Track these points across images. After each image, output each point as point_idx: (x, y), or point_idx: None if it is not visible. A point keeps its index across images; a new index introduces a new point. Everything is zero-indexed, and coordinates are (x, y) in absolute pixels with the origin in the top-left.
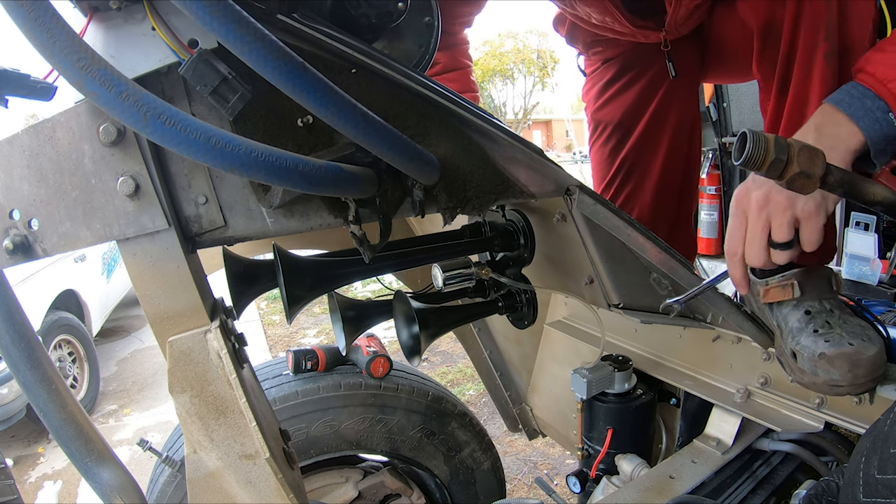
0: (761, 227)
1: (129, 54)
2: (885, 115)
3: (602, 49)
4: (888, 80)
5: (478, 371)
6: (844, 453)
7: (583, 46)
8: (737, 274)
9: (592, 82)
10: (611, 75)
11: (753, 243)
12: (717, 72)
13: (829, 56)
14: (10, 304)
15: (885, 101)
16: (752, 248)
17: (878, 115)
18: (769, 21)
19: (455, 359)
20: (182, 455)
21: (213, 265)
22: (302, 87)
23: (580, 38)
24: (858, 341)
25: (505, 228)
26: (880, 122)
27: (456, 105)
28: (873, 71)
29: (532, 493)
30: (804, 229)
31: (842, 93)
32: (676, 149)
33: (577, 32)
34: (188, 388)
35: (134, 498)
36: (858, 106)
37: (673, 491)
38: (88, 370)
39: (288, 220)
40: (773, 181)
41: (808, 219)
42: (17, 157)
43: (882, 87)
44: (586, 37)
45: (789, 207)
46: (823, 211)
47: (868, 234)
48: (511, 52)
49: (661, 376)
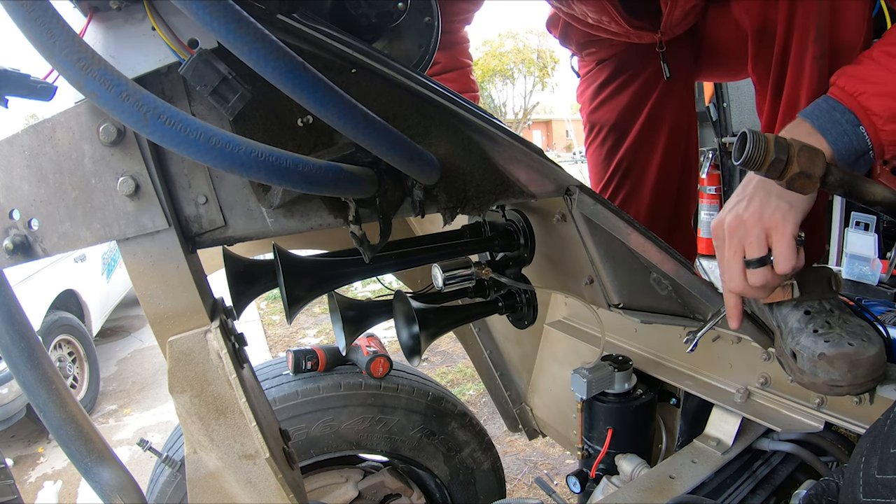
0: (736, 249)
1: (129, 54)
2: (854, 128)
3: (596, 50)
4: (858, 93)
5: (478, 371)
6: (844, 453)
7: (576, 47)
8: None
9: (587, 84)
10: (605, 77)
11: (730, 266)
12: (710, 71)
13: (818, 58)
14: (10, 304)
15: (854, 114)
16: (729, 271)
17: (846, 127)
18: (763, 23)
19: (455, 359)
20: (182, 455)
21: (213, 265)
22: (302, 87)
23: (574, 39)
24: (858, 341)
25: (505, 228)
26: (849, 135)
27: (456, 105)
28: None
29: (532, 493)
30: (774, 242)
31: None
32: (673, 149)
33: (571, 33)
34: (188, 388)
35: (134, 498)
36: (827, 119)
37: (673, 491)
38: (88, 370)
39: (288, 220)
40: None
41: (775, 228)
42: (17, 157)
43: (852, 99)
44: (580, 37)
45: (758, 223)
46: (792, 221)
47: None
48: (511, 52)
49: (661, 376)
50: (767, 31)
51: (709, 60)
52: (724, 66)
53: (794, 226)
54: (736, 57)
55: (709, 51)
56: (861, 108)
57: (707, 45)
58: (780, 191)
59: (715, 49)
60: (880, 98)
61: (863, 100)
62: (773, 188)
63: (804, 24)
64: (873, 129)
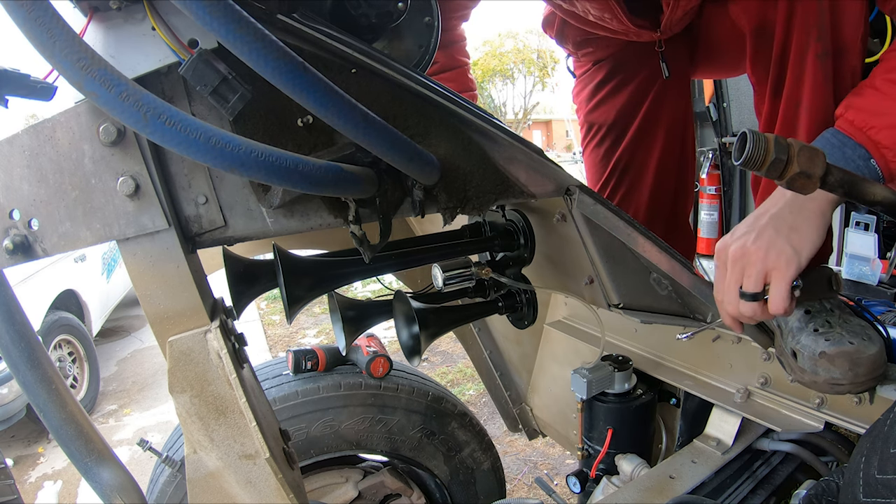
0: (735, 279)
1: (129, 54)
2: (865, 162)
3: (592, 49)
4: (868, 128)
5: (478, 371)
6: (844, 453)
7: (572, 46)
8: (726, 319)
9: (583, 84)
10: (601, 77)
11: (728, 293)
12: (706, 68)
13: (821, 56)
14: (10, 304)
15: (865, 149)
16: (727, 296)
17: (858, 163)
18: (761, 23)
19: (455, 359)
20: (182, 455)
21: (213, 265)
22: (302, 87)
23: (570, 38)
24: (859, 340)
25: (505, 228)
26: (861, 170)
27: (456, 105)
28: (853, 118)
29: (532, 493)
30: (772, 284)
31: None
32: (670, 148)
33: (568, 31)
34: (188, 388)
35: (134, 498)
36: (839, 156)
37: (673, 491)
38: (88, 370)
39: (288, 220)
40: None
41: (776, 270)
42: (17, 157)
43: (861, 134)
44: (577, 36)
45: (761, 260)
46: (794, 267)
47: (868, 234)
48: (511, 52)
49: (661, 376)
50: (766, 30)
51: (704, 58)
52: (720, 62)
53: (795, 272)
54: (731, 54)
55: (704, 48)
56: (871, 143)
57: (703, 42)
58: (789, 232)
59: (711, 47)
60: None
61: (872, 134)
62: (783, 227)
63: (804, 23)
64: (884, 161)
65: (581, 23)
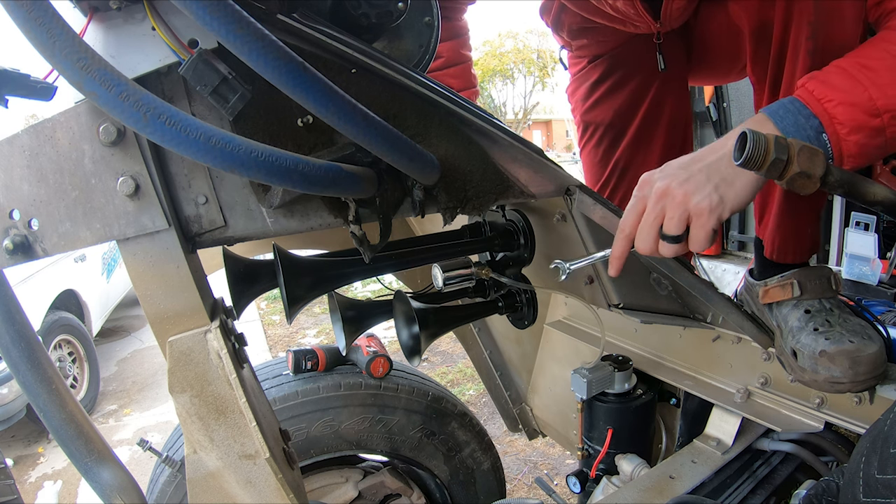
0: (654, 216)
1: (129, 54)
2: (817, 134)
3: (588, 42)
4: (825, 99)
5: (478, 371)
6: (844, 453)
7: (568, 34)
8: (617, 251)
9: (579, 82)
10: (598, 75)
11: (644, 230)
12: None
13: (811, 53)
14: (10, 304)
15: (819, 120)
16: (643, 234)
17: (809, 133)
18: (761, 22)
19: (455, 359)
20: (182, 455)
21: (213, 265)
22: (302, 87)
23: (567, 25)
24: (859, 339)
25: (505, 228)
26: (811, 140)
27: (456, 105)
28: (812, 88)
29: (532, 493)
30: (693, 226)
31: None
32: (671, 147)
33: (565, 17)
34: (188, 388)
35: (134, 498)
36: (791, 121)
37: (673, 491)
38: (88, 370)
39: (288, 220)
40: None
41: (698, 216)
42: (17, 157)
43: (818, 105)
44: (574, 23)
45: (684, 203)
46: (716, 216)
47: (868, 234)
48: (511, 52)
49: (661, 376)
50: (766, 30)
51: (699, 59)
52: (715, 65)
53: (717, 223)
54: (726, 56)
55: (700, 50)
56: (826, 115)
57: (698, 43)
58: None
59: (706, 48)
60: (847, 107)
61: (829, 107)
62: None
63: (800, 22)
64: (836, 137)
65: (580, 8)
